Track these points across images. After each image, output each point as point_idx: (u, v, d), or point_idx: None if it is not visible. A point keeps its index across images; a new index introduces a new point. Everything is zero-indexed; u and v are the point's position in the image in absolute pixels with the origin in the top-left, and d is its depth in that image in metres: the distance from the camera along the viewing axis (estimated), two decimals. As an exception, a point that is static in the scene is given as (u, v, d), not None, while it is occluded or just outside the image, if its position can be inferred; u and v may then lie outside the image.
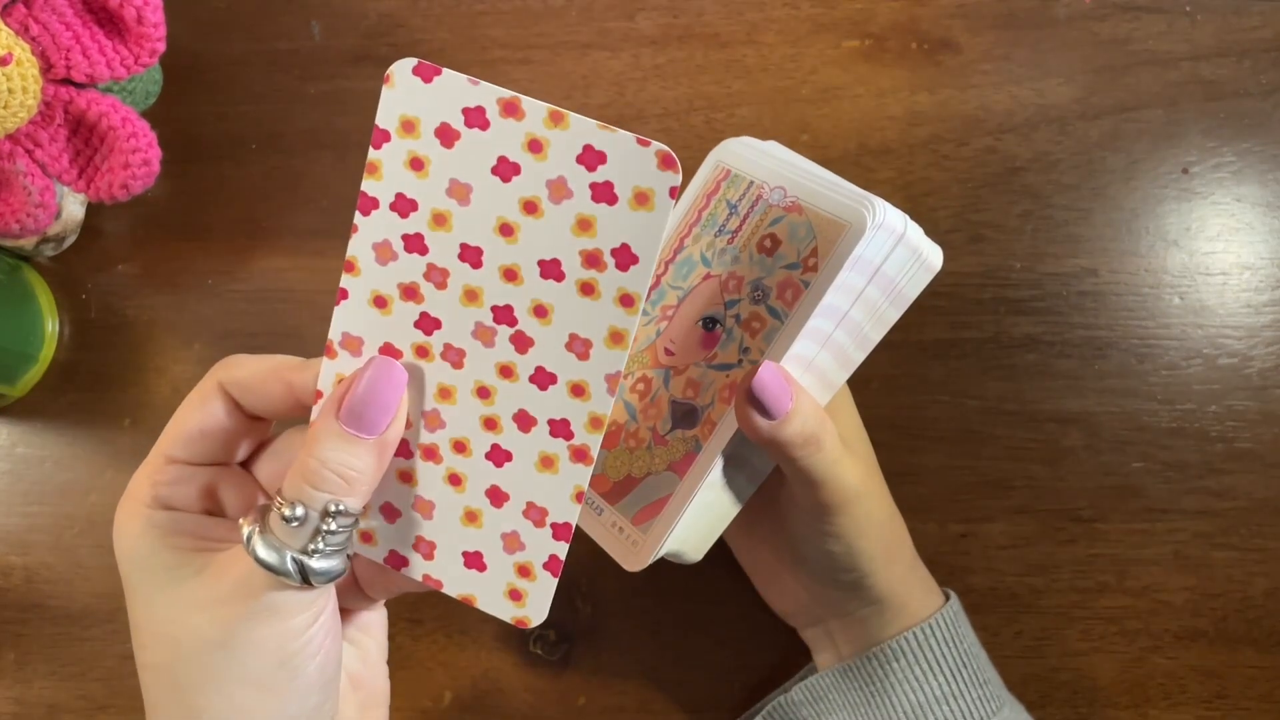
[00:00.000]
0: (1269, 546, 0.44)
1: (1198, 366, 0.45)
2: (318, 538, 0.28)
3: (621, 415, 0.37)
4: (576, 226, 0.29)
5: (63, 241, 0.48)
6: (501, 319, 0.30)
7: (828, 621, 0.40)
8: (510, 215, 0.29)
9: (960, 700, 0.37)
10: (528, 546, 0.31)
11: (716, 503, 0.36)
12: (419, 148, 0.28)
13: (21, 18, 0.41)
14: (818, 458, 0.34)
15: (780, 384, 0.33)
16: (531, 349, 0.30)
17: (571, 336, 0.29)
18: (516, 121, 0.28)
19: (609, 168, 0.28)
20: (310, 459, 0.29)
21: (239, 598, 0.29)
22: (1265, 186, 0.46)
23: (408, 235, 0.29)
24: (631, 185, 0.28)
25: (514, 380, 0.30)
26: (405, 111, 0.28)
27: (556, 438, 0.30)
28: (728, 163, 0.37)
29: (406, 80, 0.28)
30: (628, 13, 0.49)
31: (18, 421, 0.49)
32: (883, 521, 0.38)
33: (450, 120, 0.28)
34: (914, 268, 0.34)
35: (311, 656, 0.30)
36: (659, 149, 0.27)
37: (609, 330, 0.29)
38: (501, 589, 0.32)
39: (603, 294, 0.29)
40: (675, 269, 0.37)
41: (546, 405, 0.30)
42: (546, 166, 0.28)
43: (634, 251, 0.28)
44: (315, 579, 0.28)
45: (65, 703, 0.47)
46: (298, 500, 0.28)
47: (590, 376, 0.30)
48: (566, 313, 0.29)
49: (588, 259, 0.29)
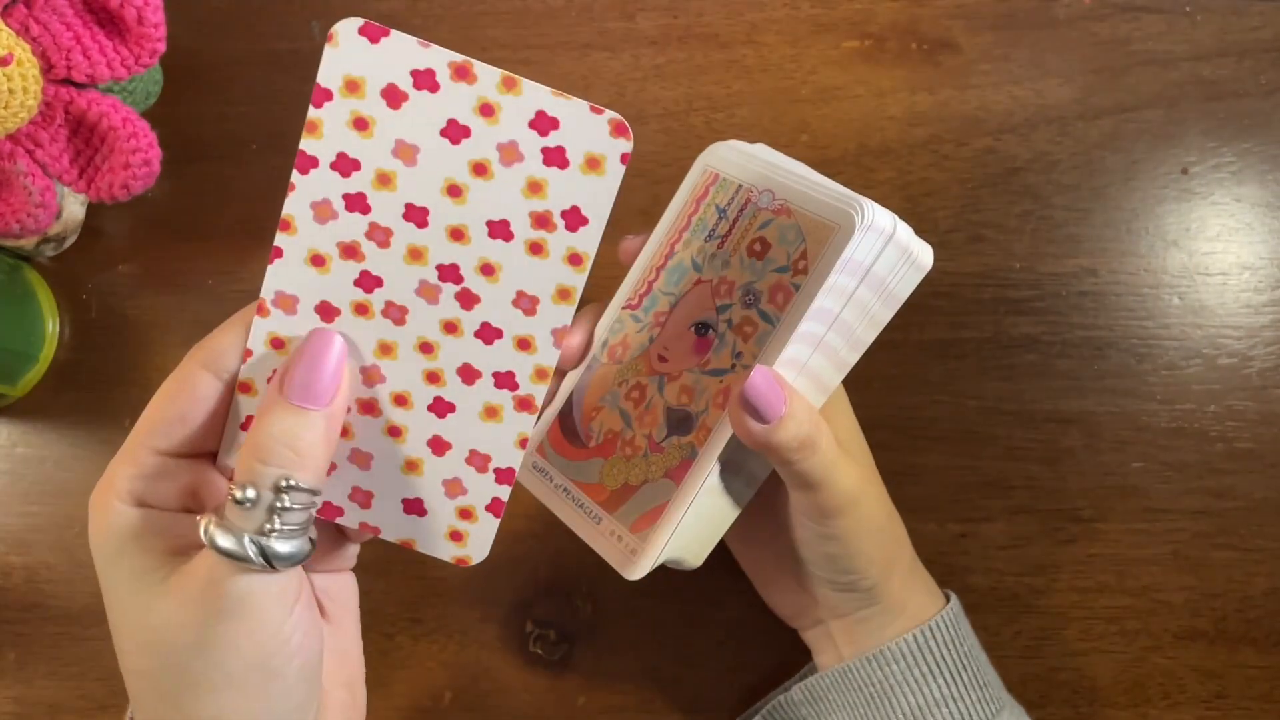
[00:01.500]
0: (1269, 546, 0.44)
1: (1197, 366, 0.45)
2: (274, 517, 0.28)
3: (617, 423, 0.37)
4: (527, 189, 0.29)
5: (63, 241, 0.48)
6: (447, 277, 0.30)
7: (828, 623, 0.40)
8: (459, 177, 0.29)
9: (960, 702, 0.37)
10: (470, 491, 0.32)
11: (715, 508, 0.36)
12: (363, 108, 0.28)
13: (22, 18, 0.41)
14: (814, 461, 0.34)
15: (773, 388, 0.33)
16: (477, 305, 0.30)
17: (519, 293, 0.30)
18: (468, 85, 0.28)
19: (561, 133, 0.28)
20: (258, 435, 0.28)
21: (208, 596, 0.28)
22: (1265, 186, 0.46)
23: (349, 195, 0.29)
24: (584, 150, 0.28)
25: (459, 335, 0.31)
26: (350, 71, 0.28)
27: (501, 389, 0.31)
28: (716, 167, 0.37)
29: (351, 39, 0.28)
30: (628, 13, 0.49)
31: (18, 421, 0.49)
32: (881, 523, 0.37)
33: (398, 81, 0.28)
34: (904, 267, 0.34)
35: (291, 657, 0.29)
36: (612, 116, 0.28)
37: (556, 287, 0.30)
38: (442, 531, 0.33)
39: (551, 253, 0.30)
40: (666, 275, 0.37)
41: (492, 359, 0.31)
42: (498, 130, 0.28)
43: (584, 214, 0.29)
44: (278, 562, 0.28)
45: (66, 702, 0.47)
46: (248, 481, 0.28)
47: (537, 330, 0.30)
48: (514, 271, 0.30)
49: (537, 220, 0.29)
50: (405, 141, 0.29)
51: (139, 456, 0.30)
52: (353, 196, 0.29)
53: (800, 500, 0.36)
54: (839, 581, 0.37)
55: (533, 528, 0.46)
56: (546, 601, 0.46)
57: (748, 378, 0.33)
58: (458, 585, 0.46)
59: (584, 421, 0.38)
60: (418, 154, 0.29)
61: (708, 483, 0.35)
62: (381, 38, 0.28)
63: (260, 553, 0.28)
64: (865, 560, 0.37)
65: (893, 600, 0.38)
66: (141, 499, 0.30)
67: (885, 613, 0.38)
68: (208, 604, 0.28)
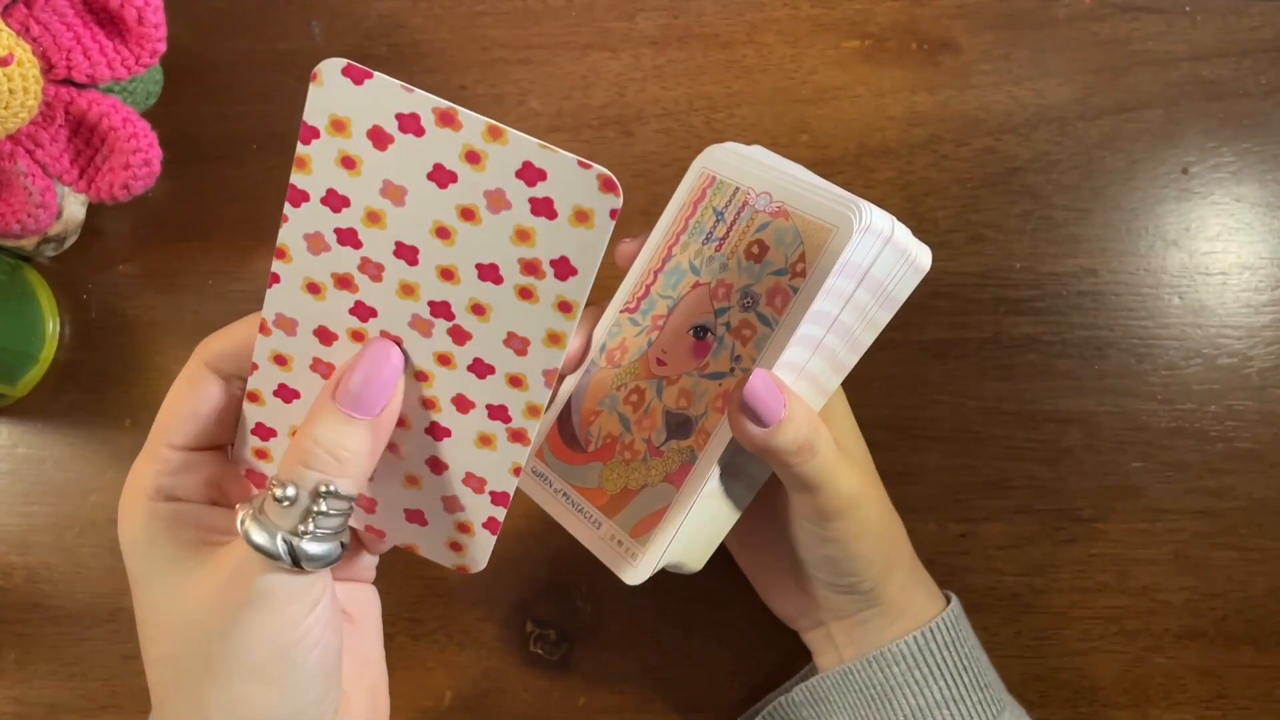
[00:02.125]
0: (1269, 546, 0.44)
1: (1197, 366, 0.45)
2: (308, 519, 0.28)
3: (616, 428, 0.37)
4: (515, 236, 0.29)
5: (64, 242, 0.48)
6: (439, 313, 0.30)
7: (828, 624, 0.40)
8: (447, 220, 0.29)
9: (961, 704, 0.37)
10: (467, 508, 0.33)
11: (715, 512, 0.36)
12: (349, 147, 0.28)
13: (22, 18, 0.41)
14: (813, 464, 0.34)
15: (772, 392, 0.33)
16: (469, 342, 0.30)
17: (509, 334, 0.30)
18: (453, 132, 0.28)
19: (549, 185, 0.28)
20: (304, 438, 0.29)
21: (235, 585, 0.29)
22: (1265, 186, 0.46)
23: (340, 229, 0.29)
24: (572, 203, 0.28)
25: (452, 368, 0.31)
26: (335, 111, 0.28)
27: (494, 420, 0.31)
28: (713, 169, 0.37)
29: (335, 80, 0.28)
30: (628, 13, 0.49)
31: (18, 421, 0.49)
32: (881, 525, 0.37)
33: (383, 124, 0.28)
34: (903, 269, 0.34)
35: (310, 648, 0.30)
36: (600, 172, 0.28)
37: (546, 332, 0.30)
38: (442, 541, 0.33)
39: (541, 299, 0.30)
40: (664, 278, 0.37)
41: (484, 391, 0.31)
42: (484, 178, 0.28)
43: (573, 264, 0.29)
44: (307, 563, 0.28)
45: (66, 702, 0.47)
46: (290, 480, 0.28)
47: (528, 370, 0.30)
48: (505, 313, 0.30)
49: (526, 266, 0.29)
50: (393, 182, 0.29)
51: (159, 453, 0.31)
52: (344, 231, 0.29)
53: (800, 503, 0.36)
54: (839, 584, 0.37)
55: (533, 527, 0.46)
56: (546, 601, 0.46)
57: (746, 381, 0.33)
58: (458, 585, 0.46)
59: (583, 426, 0.38)
60: (405, 195, 0.29)
61: (707, 487, 0.35)
62: (365, 79, 0.28)
63: (290, 552, 0.28)
64: (865, 562, 0.37)
65: (893, 602, 0.38)
66: (170, 493, 0.31)
67: (886, 614, 0.38)
68: (234, 593, 0.29)
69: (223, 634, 0.29)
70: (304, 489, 0.28)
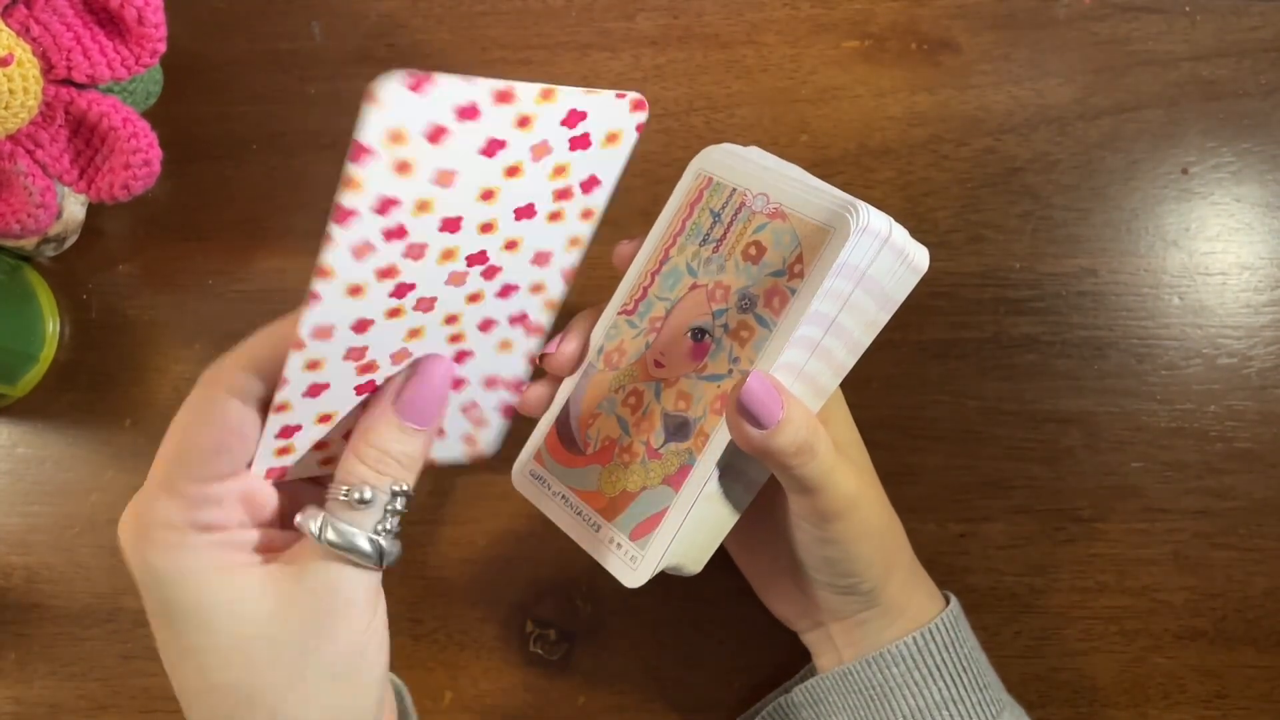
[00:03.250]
0: (1268, 546, 0.44)
1: (1197, 366, 0.45)
2: (388, 517, 0.31)
3: (614, 430, 0.37)
4: (553, 173, 0.30)
5: (64, 242, 0.48)
6: (474, 262, 0.31)
7: (828, 625, 0.40)
8: (492, 183, 0.30)
9: (961, 705, 0.37)
10: (482, 406, 0.35)
11: (714, 514, 0.36)
12: (406, 153, 0.28)
13: (22, 18, 0.41)
14: (812, 466, 0.34)
15: (770, 393, 0.33)
16: (499, 275, 0.32)
17: (537, 253, 0.32)
18: (509, 105, 0.28)
19: (588, 122, 0.30)
20: (370, 449, 0.31)
21: (315, 594, 0.30)
22: (1265, 186, 0.46)
23: (388, 229, 0.29)
24: (605, 129, 0.30)
25: (480, 302, 0.32)
26: (392, 125, 0.27)
27: (515, 326, 0.33)
28: (709, 171, 0.37)
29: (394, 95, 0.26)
30: (628, 13, 0.49)
31: (18, 421, 0.49)
32: (880, 526, 0.37)
33: (442, 121, 0.28)
34: (900, 270, 0.34)
35: (380, 647, 0.31)
36: (634, 97, 0.30)
37: (568, 238, 0.32)
38: (457, 442, 0.36)
39: (567, 216, 0.32)
40: (662, 280, 0.37)
41: (508, 308, 0.33)
42: (532, 135, 0.29)
43: (599, 178, 0.31)
44: (388, 560, 0.31)
45: (66, 702, 0.47)
46: (365, 482, 0.30)
47: (548, 276, 0.33)
48: (534, 239, 0.32)
49: (558, 195, 0.31)
50: (444, 169, 0.28)
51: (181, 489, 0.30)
52: (392, 230, 0.29)
53: (799, 504, 0.36)
54: (838, 585, 0.37)
55: (533, 528, 0.46)
56: (546, 601, 0.46)
57: (744, 383, 0.33)
58: (458, 585, 0.46)
59: (581, 428, 0.38)
60: (456, 176, 0.29)
61: (706, 489, 0.35)
62: (426, 86, 0.26)
63: (377, 550, 0.30)
64: (864, 563, 0.37)
65: (892, 603, 0.38)
66: (205, 525, 0.30)
67: (885, 615, 0.38)
68: (313, 600, 0.30)
69: (303, 644, 0.30)
70: (381, 491, 0.31)
